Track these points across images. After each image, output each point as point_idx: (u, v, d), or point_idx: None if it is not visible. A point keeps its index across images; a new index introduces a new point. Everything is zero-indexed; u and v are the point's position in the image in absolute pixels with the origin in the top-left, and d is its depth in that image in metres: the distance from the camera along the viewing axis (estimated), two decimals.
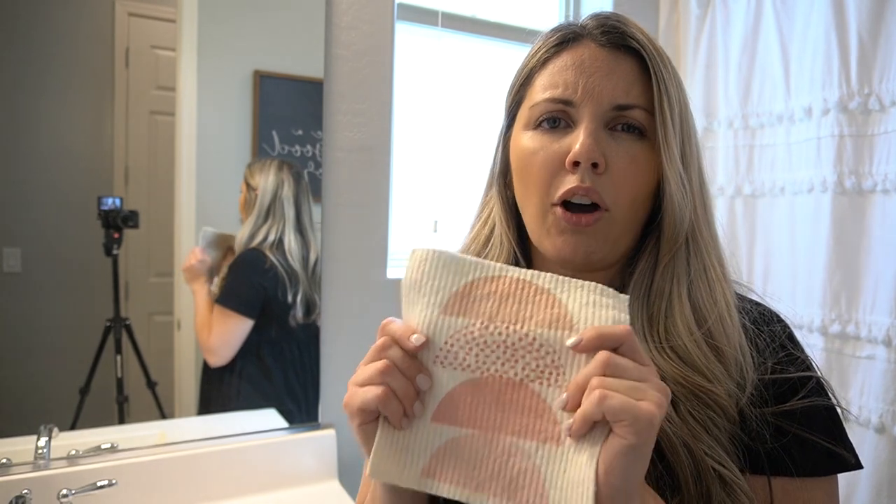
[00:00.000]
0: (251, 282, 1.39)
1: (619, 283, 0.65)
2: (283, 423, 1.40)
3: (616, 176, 0.59)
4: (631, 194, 0.59)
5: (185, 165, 1.30)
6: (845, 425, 0.59)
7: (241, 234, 1.37)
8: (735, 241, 1.65)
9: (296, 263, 1.40)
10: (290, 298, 1.40)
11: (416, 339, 0.47)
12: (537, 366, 0.46)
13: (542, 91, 0.62)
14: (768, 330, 0.61)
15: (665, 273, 0.61)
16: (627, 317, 0.46)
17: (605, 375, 0.43)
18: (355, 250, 1.47)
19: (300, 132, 1.41)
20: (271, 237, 1.38)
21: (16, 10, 1.15)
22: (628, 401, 0.41)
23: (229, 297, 1.35)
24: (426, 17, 1.67)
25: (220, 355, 1.36)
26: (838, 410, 0.59)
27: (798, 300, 1.48)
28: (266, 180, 1.37)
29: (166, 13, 1.27)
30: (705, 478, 0.53)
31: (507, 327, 0.47)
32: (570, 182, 0.58)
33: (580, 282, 0.48)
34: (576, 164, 0.58)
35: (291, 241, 1.39)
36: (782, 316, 0.64)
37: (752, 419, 0.56)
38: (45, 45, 1.18)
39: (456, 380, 0.47)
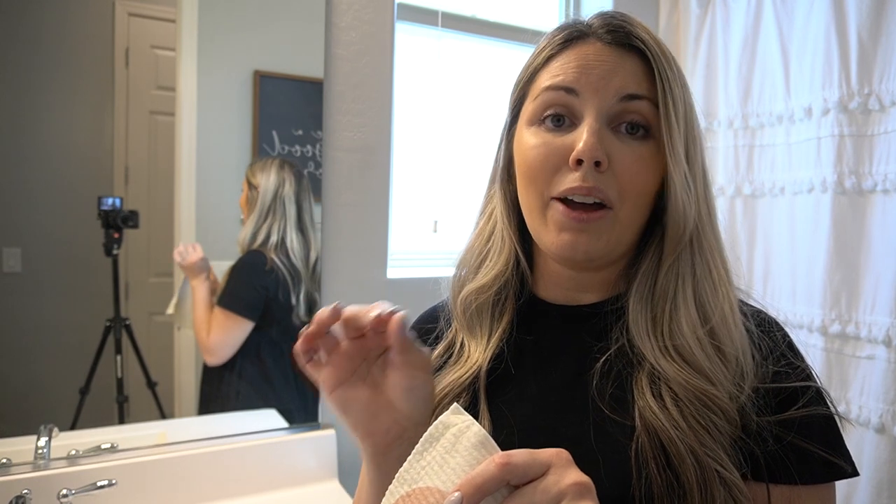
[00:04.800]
0: (252, 284, 1.39)
1: (621, 283, 0.65)
2: (283, 423, 1.40)
3: (619, 174, 0.58)
4: (635, 193, 0.59)
5: (185, 165, 1.30)
6: (843, 433, 0.59)
7: (243, 234, 1.37)
8: (735, 241, 1.65)
9: (299, 262, 1.40)
10: (293, 299, 1.40)
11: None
12: None
13: (545, 83, 0.62)
14: (769, 337, 0.61)
15: (669, 273, 0.61)
16: (477, 427, 0.45)
17: None
18: (355, 250, 1.47)
19: (300, 132, 1.41)
20: (273, 237, 1.38)
21: (16, 10, 1.15)
22: None
23: (230, 299, 1.35)
24: (426, 17, 1.67)
25: (219, 355, 1.36)
26: (836, 419, 0.59)
27: (798, 300, 1.48)
28: (267, 179, 1.37)
29: (166, 13, 1.27)
30: (710, 483, 0.53)
31: None
32: (571, 180, 0.58)
33: (418, 452, 0.46)
34: (579, 161, 0.57)
35: (294, 240, 1.40)
36: (781, 323, 0.64)
37: (752, 423, 0.56)
38: (45, 45, 1.18)
39: None
